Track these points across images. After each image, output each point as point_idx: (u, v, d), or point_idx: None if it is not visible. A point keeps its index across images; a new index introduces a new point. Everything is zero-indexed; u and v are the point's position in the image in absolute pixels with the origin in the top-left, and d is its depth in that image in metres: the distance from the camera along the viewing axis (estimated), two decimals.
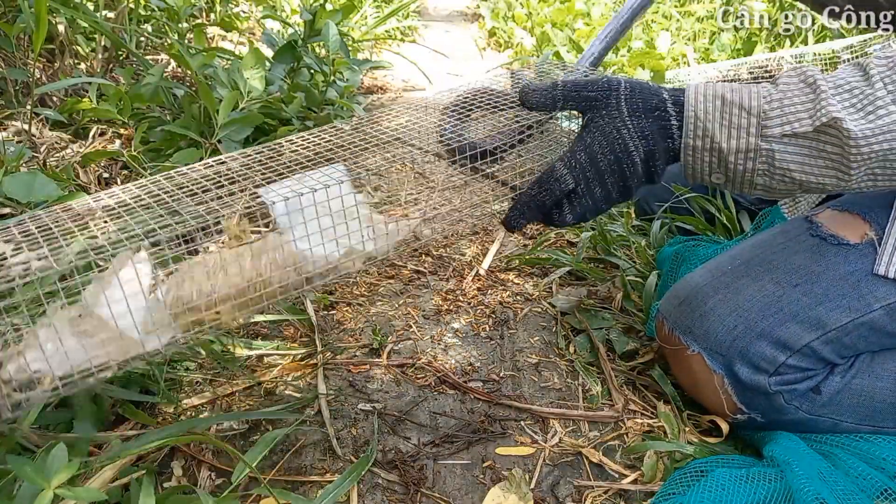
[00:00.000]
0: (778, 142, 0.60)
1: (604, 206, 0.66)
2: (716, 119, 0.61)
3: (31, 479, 0.47)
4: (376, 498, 0.67)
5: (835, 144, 0.59)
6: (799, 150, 0.60)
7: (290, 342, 0.92)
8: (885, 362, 0.73)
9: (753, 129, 0.60)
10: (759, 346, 0.71)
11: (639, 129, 0.62)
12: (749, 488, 0.63)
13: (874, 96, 0.59)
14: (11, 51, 1.26)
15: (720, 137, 0.61)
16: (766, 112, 0.60)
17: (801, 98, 0.60)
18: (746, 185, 0.64)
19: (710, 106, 0.61)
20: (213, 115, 1.27)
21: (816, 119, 0.58)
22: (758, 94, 0.60)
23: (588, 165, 0.62)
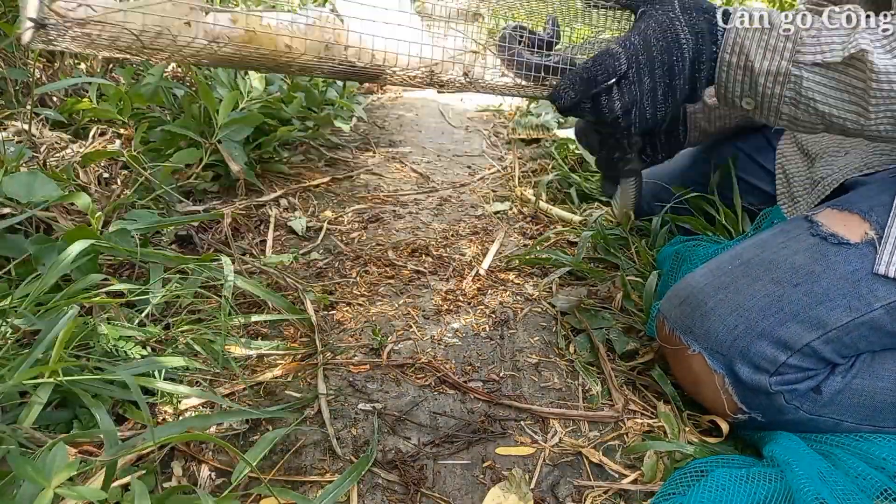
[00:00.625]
0: (808, 69, 0.61)
1: (648, 107, 0.66)
2: (753, 38, 0.63)
3: (32, 479, 0.47)
4: (376, 498, 0.67)
5: (859, 78, 0.60)
6: (826, 80, 0.61)
7: (290, 342, 0.92)
8: (886, 362, 0.73)
9: (787, 52, 0.61)
10: (759, 345, 0.71)
11: (690, 23, 0.64)
12: (749, 488, 0.63)
13: None
14: (11, 51, 1.26)
15: (754, 56, 0.63)
16: (802, 38, 0.61)
17: (836, 30, 0.61)
18: (773, 114, 0.65)
19: (752, 24, 0.64)
20: (213, 115, 1.27)
21: (847, 50, 0.60)
22: (800, 21, 0.62)
23: (642, 49, 0.64)
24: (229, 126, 1.28)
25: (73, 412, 0.70)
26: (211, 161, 1.30)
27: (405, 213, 1.39)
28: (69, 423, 0.69)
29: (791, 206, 0.96)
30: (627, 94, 0.65)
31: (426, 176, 1.64)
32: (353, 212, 1.38)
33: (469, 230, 1.31)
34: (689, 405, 0.82)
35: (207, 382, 0.82)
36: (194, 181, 1.30)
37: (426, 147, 1.88)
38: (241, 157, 1.30)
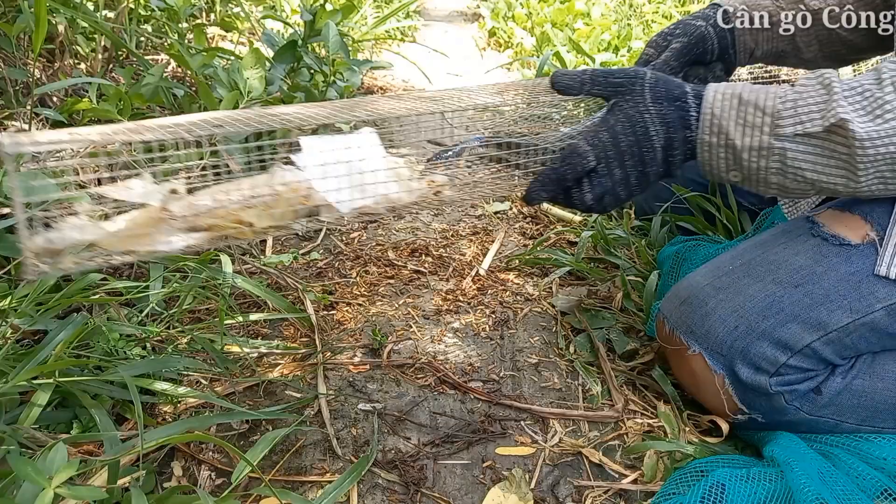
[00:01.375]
0: (790, 140, 0.62)
1: (622, 192, 0.67)
2: (731, 117, 0.63)
3: (32, 479, 0.47)
4: (376, 498, 0.67)
5: (843, 145, 0.61)
6: (811, 149, 0.62)
7: (290, 342, 0.92)
8: (886, 363, 0.73)
9: (767, 127, 0.62)
10: (760, 346, 0.71)
11: (660, 114, 0.65)
12: (749, 488, 0.63)
13: (883, 99, 0.60)
14: (11, 51, 1.26)
15: (734, 135, 0.63)
16: (779, 111, 0.62)
17: (815, 99, 0.61)
18: (762, 184, 0.66)
19: (727, 104, 0.63)
20: None
21: (826, 119, 0.60)
22: (774, 95, 0.62)
23: (610, 144, 0.65)
24: None
25: (73, 412, 0.70)
26: (211, 161, 1.30)
27: (405, 212, 1.39)
28: (69, 423, 0.69)
29: (792, 206, 0.96)
30: (598, 186, 0.67)
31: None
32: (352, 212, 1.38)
33: (469, 230, 1.31)
34: (689, 405, 0.82)
35: (207, 382, 0.82)
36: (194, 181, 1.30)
37: (426, 147, 1.88)
38: (242, 157, 1.30)
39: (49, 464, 0.49)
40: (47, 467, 0.49)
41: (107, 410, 0.69)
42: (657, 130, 0.65)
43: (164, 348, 0.84)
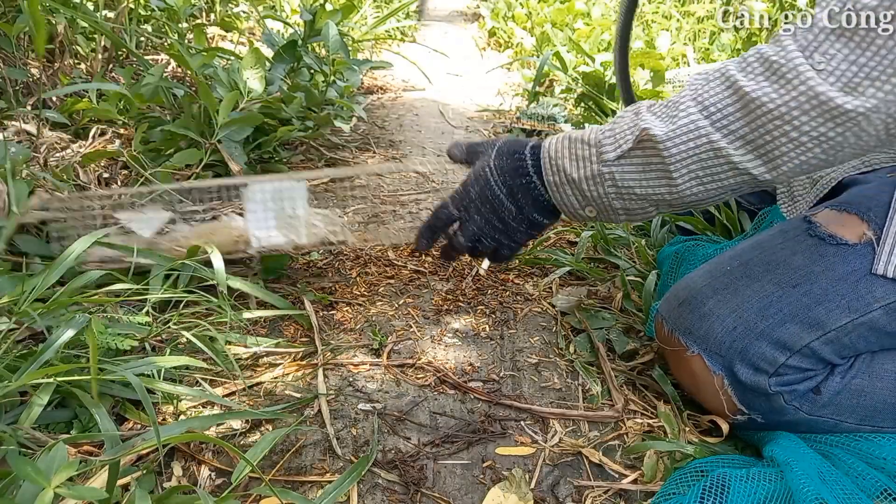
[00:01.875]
0: (615, 164, 0.67)
1: (494, 236, 0.77)
2: (564, 155, 0.70)
3: (32, 479, 0.47)
4: (376, 498, 0.67)
5: (654, 153, 0.65)
6: (632, 167, 0.67)
7: (290, 342, 0.92)
8: (885, 362, 0.73)
9: (594, 157, 0.68)
10: (758, 346, 0.71)
11: (498, 167, 0.74)
12: (749, 488, 0.63)
13: (677, 102, 0.65)
14: (11, 51, 1.26)
15: (570, 169, 0.69)
16: (600, 141, 0.68)
17: (626, 122, 0.68)
18: (611, 212, 0.71)
19: (560, 145, 0.71)
20: (213, 115, 1.27)
21: (634, 133, 0.66)
22: (597, 129, 0.69)
23: (464, 196, 0.76)
24: (229, 126, 1.28)
25: (73, 412, 0.70)
26: (211, 161, 1.30)
27: (405, 213, 1.39)
28: (69, 423, 0.69)
29: (791, 206, 0.96)
30: (466, 231, 0.77)
31: (426, 176, 1.64)
32: (353, 212, 1.38)
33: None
34: (689, 405, 0.82)
35: (207, 382, 0.82)
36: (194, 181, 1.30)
37: (426, 147, 1.88)
38: (241, 157, 1.30)
39: (49, 464, 0.49)
40: (47, 467, 0.49)
41: (107, 410, 0.69)
42: (496, 180, 0.74)
43: (163, 348, 0.84)
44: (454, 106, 2.35)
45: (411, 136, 1.97)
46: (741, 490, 0.63)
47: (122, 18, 1.57)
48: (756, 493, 0.63)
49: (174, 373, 0.81)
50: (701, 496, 0.62)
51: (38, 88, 1.36)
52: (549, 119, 1.93)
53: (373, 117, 2.13)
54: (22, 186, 0.93)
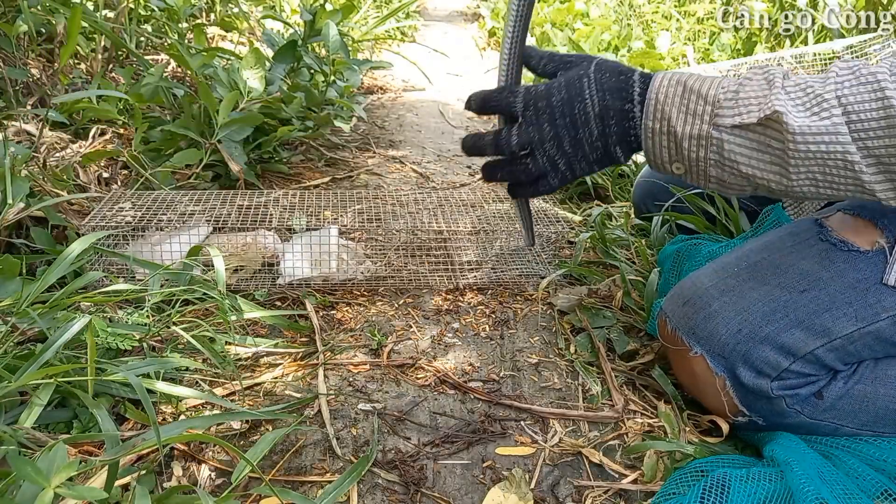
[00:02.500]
0: (728, 132, 0.61)
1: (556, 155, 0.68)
2: (674, 104, 0.62)
3: (32, 479, 0.47)
4: (376, 498, 0.67)
5: (777, 139, 0.59)
6: (746, 142, 0.61)
7: (290, 342, 0.92)
8: (889, 369, 0.72)
9: (707, 116, 0.61)
10: (762, 350, 0.71)
11: (599, 81, 0.65)
12: (749, 488, 0.63)
13: (822, 97, 0.58)
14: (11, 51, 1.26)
15: (676, 121, 0.62)
16: (720, 101, 0.61)
17: (755, 92, 0.60)
18: (702, 178, 0.65)
19: (672, 90, 0.62)
20: (213, 115, 1.27)
21: (762, 111, 0.59)
22: (718, 84, 0.61)
23: (542, 96, 0.66)
24: (229, 126, 1.28)
25: (73, 412, 0.70)
26: (211, 161, 1.30)
27: (405, 213, 1.39)
28: (69, 423, 0.69)
29: (796, 207, 0.96)
30: (525, 135, 0.67)
31: (426, 176, 1.64)
32: (353, 212, 1.38)
33: (469, 229, 1.31)
34: (689, 405, 0.82)
35: (207, 383, 0.82)
36: (194, 181, 1.30)
37: (426, 147, 1.88)
38: (241, 157, 1.30)
39: (49, 464, 0.49)
40: (47, 467, 0.49)
41: (107, 410, 0.69)
42: (591, 94, 0.64)
43: (163, 348, 0.84)
44: (454, 106, 2.35)
45: (411, 136, 1.97)
46: (741, 490, 0.63)
47: (122, 18, 1.57)
48: (756, 493, 0.63)
49: (174, 373, 0.81)
50: (701, 496, 0.62)
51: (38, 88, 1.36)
52: None
53: (373, 117, 2.13)
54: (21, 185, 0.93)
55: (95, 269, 0.93)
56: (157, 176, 1.21)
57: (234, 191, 1.21)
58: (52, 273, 0.78)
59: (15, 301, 0.75)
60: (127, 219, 0.99)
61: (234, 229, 1.09)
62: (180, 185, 1.28)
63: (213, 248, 0.91)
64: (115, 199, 1.07)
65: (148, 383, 0.72)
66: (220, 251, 0.94)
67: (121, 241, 1.01)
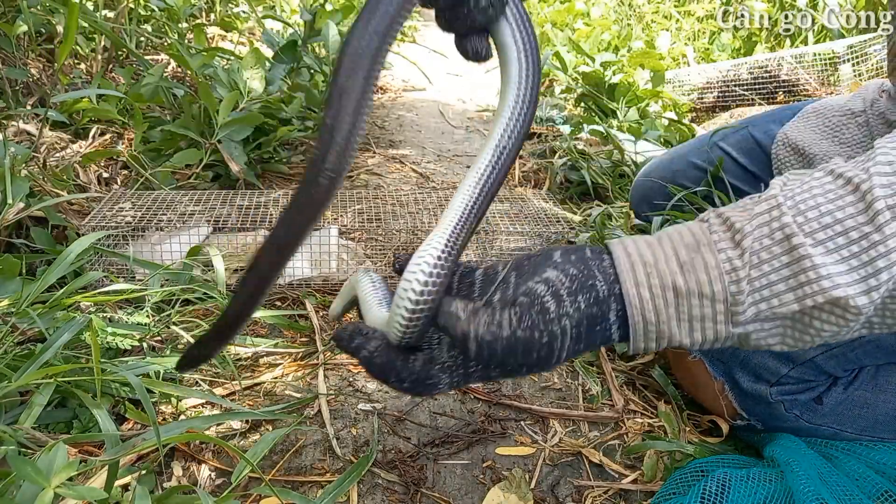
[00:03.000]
0: (752, 323, 0.45)
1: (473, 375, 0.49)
2: (671, 316, 0.46)
3: (32, 479, 0.47)
4: (376, 498, 0.67)
5: (830, 314, 0.44)
6: (778, 326, 0.46)
7: (289, 342, 0.92)
8: (890, 375, 0.72)
9: (721, 316, 0.45)
10: (761, 357, 0.71)
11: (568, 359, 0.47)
12: (749, 488, 0.63)
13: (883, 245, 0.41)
14: (11, 51, 1.26)
15: (680, 335, 0.47)
16: (734, 296, 0.44)
17: (776, 265, 0.43)
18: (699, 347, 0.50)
19: (661, 302, 0.46)
20: (213, 115, 1.27)
21: (804, 297, 0.43)
22: (719, 272, 0.44)
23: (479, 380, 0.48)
24: (229, 126, 1.28)
25: (73, 412, 0.70)
26: (211, 161, 1.30)
27: (405, 213, 1.39)
28: (69, 423, 0.69)
29: None
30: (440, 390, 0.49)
31: (426, 176, 1.64)
32: (353, 212, 1.38)
33: None
34: (689, 405, 0.82)
35: (207, 383, 0.82)
36: (194, 181, 1.30)
37: (426, 147, 1.88)
38: (241, 156, 1.30)
39: (49, 464, 0.49)
40: (47, 467, 0.49)
41: (107, 410, 0.69)
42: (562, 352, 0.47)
43: (163, 348, 0.84)
44: (454, 106, 2.35)
45: (411, 136, 1.97)
46: (741, 490, 0.63)
47: (121, 18, 1.57)
48: (756, 494, 0.63)
49: (174, 373, 0.81)
50: (701, 496, 0.62)
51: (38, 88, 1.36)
52: (548, 121, 1.93)
53: (373, 117, 2.13)
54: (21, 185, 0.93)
55: (95, 269, 0.93)
56: (157, 176, 1.21)
57: (234, 191, 1.21)
58: (52, 273, 0.78)
59: (15, 301, 0.75)
60: (127, 219, 0.99)
61: (234, 229, 1.09)
62: (180, 185, 1.28)
63: (213, 248, 0.91)
64: (115, 199, 1.07)
65: (148, 383, 0.72)
66: (220, 251, 0.93)
67: (121, 241, 1.01)
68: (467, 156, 1.83)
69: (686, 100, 2.24)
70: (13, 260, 0.81)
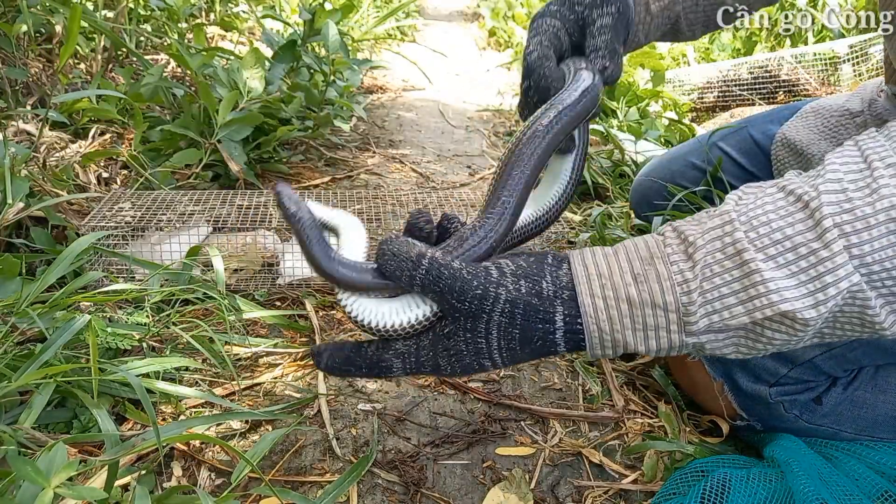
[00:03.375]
0: (705, 334, 0.47)
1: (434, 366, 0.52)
2: (625, 326, 0.48)
3: (32, 479, 0.47)
4: (376, 498, 0.67)
5: (780, 324, 0.45)
6: (732, 336, 0.47)
7: (289, 342, 0.92)
8: (889, 376, 0.72)
9: (674, 325, 0.47)
10: (760, 357, 0.71)
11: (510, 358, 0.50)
12: (750, 488, 0.63)
13: (831, 262, 0.43)
14: (11, 51, 1.26)
15: (635, 342, 0.48)
16: (685, 305, 0.46)
17: (725, 279, 0.45)
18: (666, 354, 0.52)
19: (616, 313, 0.47)
20: (213, 114, 1.27)
21: (754, 310, 0.45)
22: (671, 283, 0.46)
23: (430, 372, 0.51)
24: (229, 126, 1.28)
25: (73, 412, 0.70)
26: (210, 161, 1.30)
27: (405, 213, 1.39)
28: (69, 423, 0.69)
29: None
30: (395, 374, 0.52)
31: (426, 176, 1.64)
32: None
33: None
34: (689, 405, 0.82)
35: (207, 383, 0.82)
36: (194, 181, 1.30)
37: (426, 147, 1.88)
38: (241, 156, 1.30)
39: (49, 464, 0.49)
40: (47, 467, 0.49)
41: (107, 410, 0.69)
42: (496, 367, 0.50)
43: (163, 348, 0.84)
44: (454, 106, 2.35)
45: (411, 136, 1.97)
46: (741, 490, 0.63)
47: (121, 18, 1.57)
48: (756, 494, 0.63)
49: (174, 373, 0.81)
50: (701, 496, 0.62)
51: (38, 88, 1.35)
52: None
53: (373, 117, 2.13)
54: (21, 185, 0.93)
55: (95, 269, 0.93)
56: (156, 176, 1.21)
57: (234, 191, 1.21)
58: (51, 273, 0.78)
59: (15, 301, 0.75)
60: (127, 219, 0.99)
61: (234, 229, 1.09)
62: (180, 185, 1.28)
63: (213, 248, 0.91)
64: (114, 199, 1.07)
65: (148, 383, 0.72)
66: (219, 251, 0.93)
67: (120, 241, 1.01)
68: (467, 156, 1.83)
69: (686, 99, 2.24)
70: (13, 260, 0.81)
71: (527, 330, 0.48)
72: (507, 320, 0.48)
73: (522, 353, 0.50)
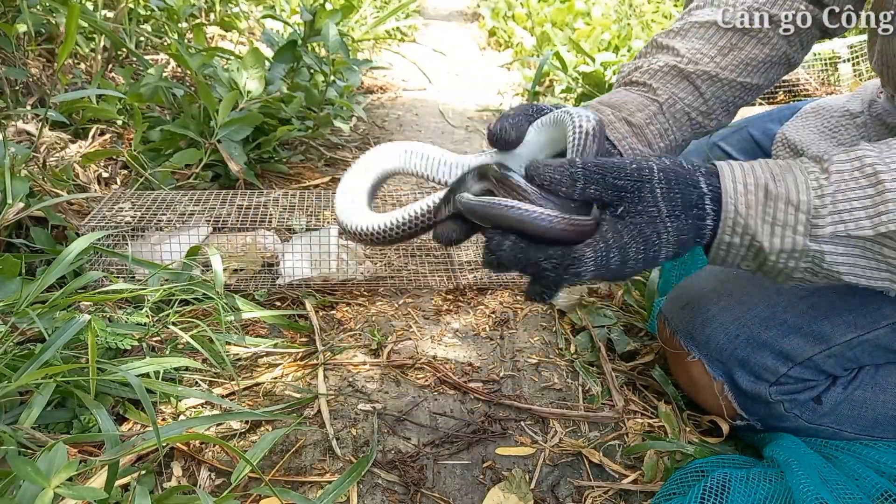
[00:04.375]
0: (828, 242, 0.50)
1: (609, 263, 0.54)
2: (758, 214, 0.51)
3: (32, 479, 0.47)
4: (376, 498, 0.67)
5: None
6: (852, 251, 0.51)
7: (289, 342, 0.92)
8: (890, 375, 0.72)
9: (801, 226, 0.51)
10: (760, 356, 0.70)
11: (676, 231, 0.52)
12: (749, 488, 0.63)
13: None
14: (11, 51, 1.26)
15: (762, 235, 0.52)
16: (816, 208, 0.50)
17: (857, 193, 0.50)
18: (781, 278, 0.56)
19: (752, 198, 0.51)
20: (213, 114, 1.27)
21: (879, 224, 0.49)
22: (806, 186, 0.51)
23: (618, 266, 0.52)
24: (229, 126, 1.28)
25: (73, 412, 0.70)
26: (210, 161, 1.30)
27: None
28: (69, 423, 0.69)
29: None
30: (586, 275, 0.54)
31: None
32: None
33: None
34: (689, 405, 0.82)
35: (206, 383, 0.82)
36: (194, 181, 1.30)
37: None
38: (241, 156, 1.30)
39: (49, 464, 0.49)
40: (47, 467, 0.49)
41: (107, 410, 0.69)
42: (669, 249, 0.53)
43: (163, 348, 0.84)
44: (454, 106, 2.35)
45: (411, 136, 1.97)
46: (741, 490, 0.63)
47: (121, 18, 1.57)
48: (756, 494, 0.63)
49: (174, 373, 0.80)
50: (701, 496, 0.62)
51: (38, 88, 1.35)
52: None
53: (373, 117, 2.13)
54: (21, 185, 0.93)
55: (95, 269, 0.93)
56: (156, 176, 1.21)
57: (234, 191, 1.21)
58: (51, 273, 0.78)
59: (15, 301, 0.75)
60: (127, 219, 0.99)
61: (234, 229, 1.09)
62: (180, 185, 1.28)
63: (213, 248, 0.91)
64: (114, 199, 1.07)
65: (148, 383, 0.72)
66: (219, 251, 0.93)
67: (120, 241, 1.01)
68: None
69: None
70: (13, 260, 0.81)
71: (685, 192, 0.52)
72: (666, 186, 0.51)
73: (686, 222, 0.52)
